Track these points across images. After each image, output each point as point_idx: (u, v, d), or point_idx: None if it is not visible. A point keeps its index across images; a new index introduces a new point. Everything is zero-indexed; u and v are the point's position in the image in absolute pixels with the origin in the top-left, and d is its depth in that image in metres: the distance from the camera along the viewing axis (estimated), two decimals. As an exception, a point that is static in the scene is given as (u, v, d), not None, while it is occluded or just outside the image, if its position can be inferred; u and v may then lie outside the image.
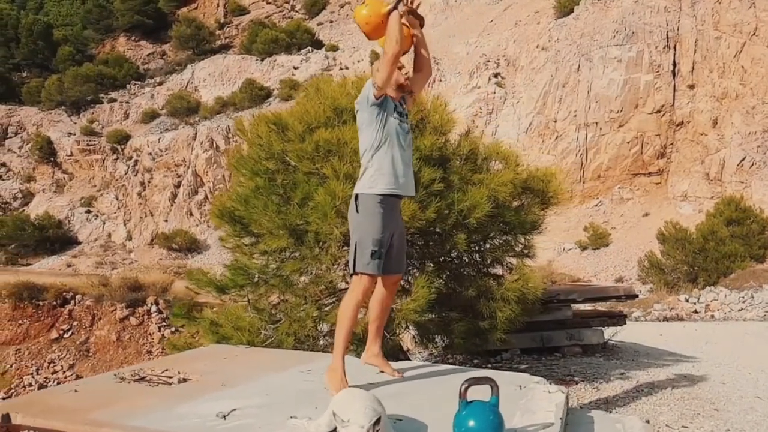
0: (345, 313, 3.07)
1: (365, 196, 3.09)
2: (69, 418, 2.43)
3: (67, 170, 41.29)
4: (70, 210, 39.47)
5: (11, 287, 21.22)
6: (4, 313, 21.17)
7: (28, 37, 46.74)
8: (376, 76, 3.10)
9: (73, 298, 22.27)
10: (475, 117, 36.20)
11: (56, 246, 36.75)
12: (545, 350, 6.92)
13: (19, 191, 39.79)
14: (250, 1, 51.84)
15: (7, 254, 35.00)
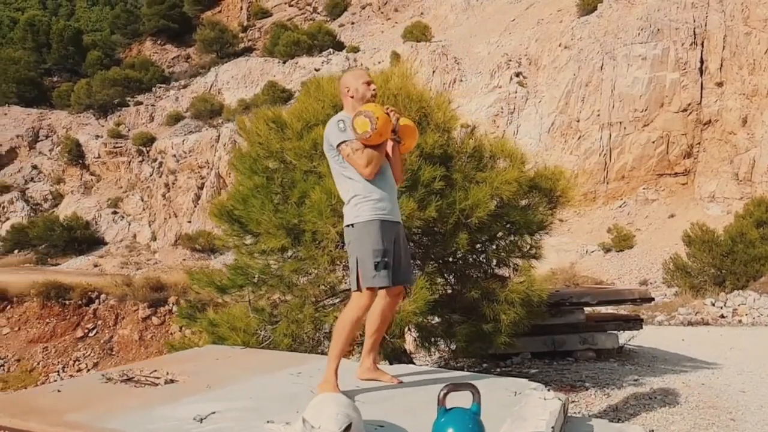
0: (343, 329, 2.98)
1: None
2: (44, 419, 2.39)
3: (95, 172, 42.00)
4: (98, 211, 40.15)
5: (39, 286, 21.70)
6: (32, 312, 21.65)
7: (59, 43, 47.73)
8: (354, 161, 2.98)
9: (98, 298, 22.67)
10: (496, 117, 35.92)
11: (84, 246, 37.40)
12: (557, 354, 6.75)
13: (49, 193, 40.58)
14: (272, 4, 52.18)
15: (38, 254, 35.69)
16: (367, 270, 2.92)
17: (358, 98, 3.15)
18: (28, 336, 20.91)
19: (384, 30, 48.94)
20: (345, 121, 3.03)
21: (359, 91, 3.16)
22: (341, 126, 3.01)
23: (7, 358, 20.43)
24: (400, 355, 4.89)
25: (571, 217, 31.50)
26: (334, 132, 3.02)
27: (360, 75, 3.26)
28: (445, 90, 40.14)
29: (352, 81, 3.21)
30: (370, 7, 49.77)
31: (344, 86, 3.23)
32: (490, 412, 2.73)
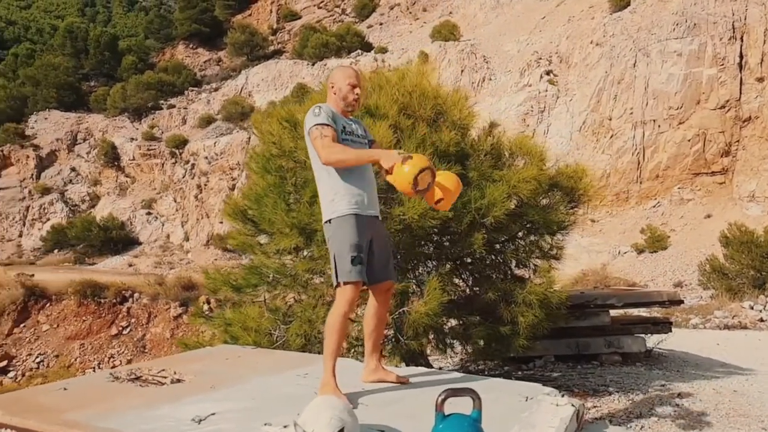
0: (332, 326, 2.92)
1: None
2: (43, 418, 2.39)
3: (130, 174, 42.88)
4: (132, 212, 40.99)
5: (76, 285, 22.28)
6: (70, 310, 22.23)
7: (96, 48, 48.89)
8: (317, 144, 2.93)
9: (132, 297, 23.14)
10: (526, 115, 35.49)
11: (119, 246, 38.23)
12: (581, 358, 6.58)
13: (86, 194, 41.58)
14: (301, 7, 52.54)
15: (76, 254, 36.61)
16: (344, 264, 2.88)
17: (339, 96, 3.12)
18: (66, 333, 21.47)
19: (412, 30, 48.85)
20: (322, 107, 3.01)
21: (342, 91, 3.12)
22: (316, 111, 2.98)
23: (47, 354, 21.01)
24: (417, 357, 4.81)
25: (603, 218, 30.94)
26: (309, 117, 2.99)
27: (348, 75, 3.20)
28: (474, 89, 39.88)
29: (339, 78, 3.17)
30: (398, 8, 49.73)
31: (331, 80, 3.20)
32: (498, 417, 2.64)
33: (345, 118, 3.13)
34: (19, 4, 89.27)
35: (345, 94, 3.10)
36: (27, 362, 20.65)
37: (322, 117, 2.95)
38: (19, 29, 68.61)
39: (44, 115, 43.46)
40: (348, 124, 3.11)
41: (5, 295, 22.29)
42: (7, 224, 37.28)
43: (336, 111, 3.09)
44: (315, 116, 2.96)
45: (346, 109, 3.14)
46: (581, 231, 30.38)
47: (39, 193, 38.73)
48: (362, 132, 3.21)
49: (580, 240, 29.66)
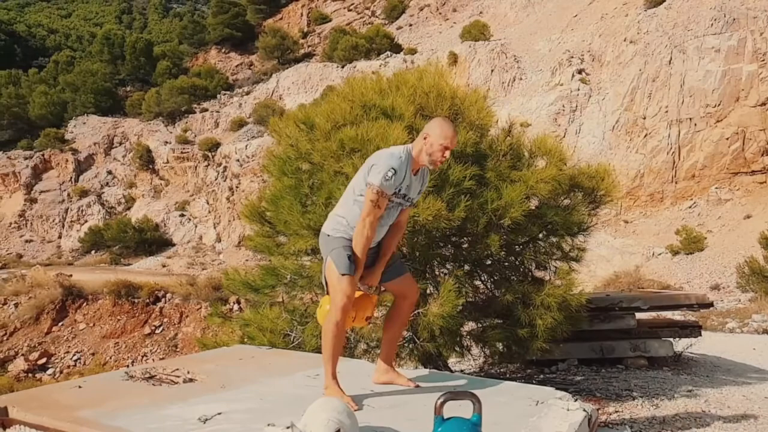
0: (329, 328, 2.92)
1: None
2: (56, 415, 2.45)
3: (164, 176, 43.72)
4: (166, 214, 41.80)
5: (111, 285, 22.84)
6: (105, 309, 22.80)
7: (132, 54, 50.04)
8: (368, 206, 2.90)
9: (164, 297, 23.60)
10: (557, 115, 35.03)
11: (153, 247, 39.01)
12: (606, 362, 6.45)
13: (122, 197, 42.54)
14: (331, 10, 52.86)
15: (112, 255, 37.49)
16: (342, 259, 2.91)
17: (427, 151, 2.95)
18: (102, 332, 22.02)
19: (442, 31, 48.72)
20: (397, 173, 2.88)
21: (433, 147, 2.94)
22: (389, 174, 2.85)
23: (83, 351, 21.56)
24: (435, 360, 4.78)
25: (636, 218, 30.34)
26: (379, 173, 2.87)
27: (446, 136, 2.95)
28: (504, 89, 39.56)
29: (436, 134, 2.95)
30: (428, 9, 49.65)
31: (428, 130, 3.00)
32: (505, 421, 2.61)
33: (413, 173, 3.01)
34: (60, 13, 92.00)
35: (434, 152, 2.94)
36: (65, 360, 21.23)
37: (389, 184, 2.87)
38: (60, 37, 70.71)
39: (83, 119, 44.64)
40: (405, 186, 3.00)
41: (45, 294, 22.99)
42: (47, 226, 38.40)
43: (412, 161, 2.98)
44: (385, 180, 2.85)
45: (428, 166, 3.02)
46: (614, 232, 29.88)
47: (77, 195, 39.79)
48: (417, 190, 3.11)
49: (612, 241, 29.15)
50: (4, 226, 38.19)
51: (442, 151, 2.94)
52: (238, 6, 53.33)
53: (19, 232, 37.82)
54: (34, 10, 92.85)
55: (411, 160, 2.97)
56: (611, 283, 23.11)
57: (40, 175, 40.54)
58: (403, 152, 2.97)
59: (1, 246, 36.51)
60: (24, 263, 32.02)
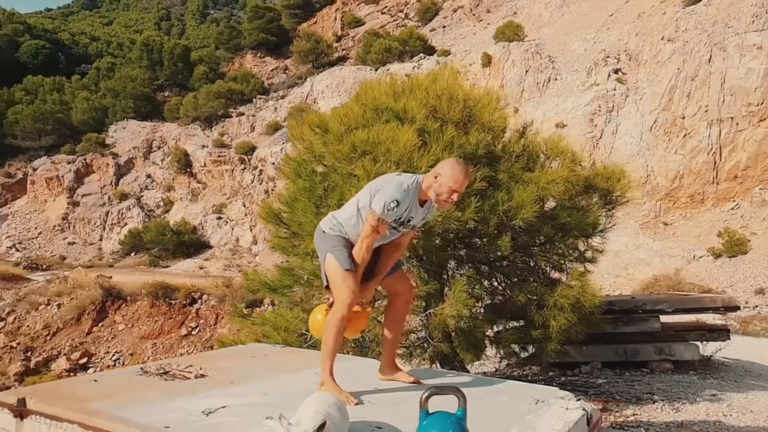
0: (333, 324, 3.00)
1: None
2: (69, 406, 2.59)
3: (201, 180, 44.58)
4: (204, 216, 42.62)
5: (149, 287, 23.37)
6: (143, 310, 23.35)
7: (170, 60, 51.23)
8: (369, 227, 2.97)
9: (200, 298, 24.03)
10: (593, 116, 34.48)
11: (191, 250, 39.79)
12: (631, 365, 6.36)
13: (161, 200, 43.56)
14: (365, 13, 53.17)
15: (151, 257, 38.40)
16: (341, 254, 2.99)
17: (436, 190, 2.96)
18: (140, 332, 22.55)
19: (476, 32, 48.49)
20: (399, 204, 2.92)
21: (441, 188, 2.95)
22: (392, 205, 2.90)
23: (122, 352, 22.11)
24: (451, 360, 4.81)
25: (676, 220, 29.62)
26: (382, 201, 2.91)
27: (456, 180, 2.93)
28: (539, 89, 39.14)
29: (447, 176, 2.94)
30: (461, 10, 49.49)
31: (440, 169, 3.01)
32: (500, 419, 2.64)
33: (419, 204, 3.04)
34: (102, 21, 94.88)
35: (442, 192, 2.95)
36: (105, 359, 21.80)
37: (390, 213, 2.92)
38: (102, 44, 72.83)
39: (123, 124, 45.90)
40: (408, 215, 3.03)
41: (86, 295, 23.68)
42: (89, 228, 39.58)
43: (420, 192, 3.00)
44: (387, 210, 2.90)
45: (434, 203, 3.04)
46: (653, 234, 29.24)
47: (117, 198, 40.91)
48: (420, 219, 3.13)
49: (651, 244, 28.53)
50: (49, 228, 39.53)
51: (450, 193, 2.94)
52: (273, 11, 54.14)
53: (63, 234, 39.09)
54: (77, 19, 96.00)
55: (419, 191, 2.99)
56: (650, 286, 22.64)
57: (82, 179, 41.83)
58: (412, 183, 2.99)
59: (45, 248, 37.78)
60: (67, 265, 33.06)
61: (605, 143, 33.84)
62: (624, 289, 23.36)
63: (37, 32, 67.99)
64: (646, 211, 29.61)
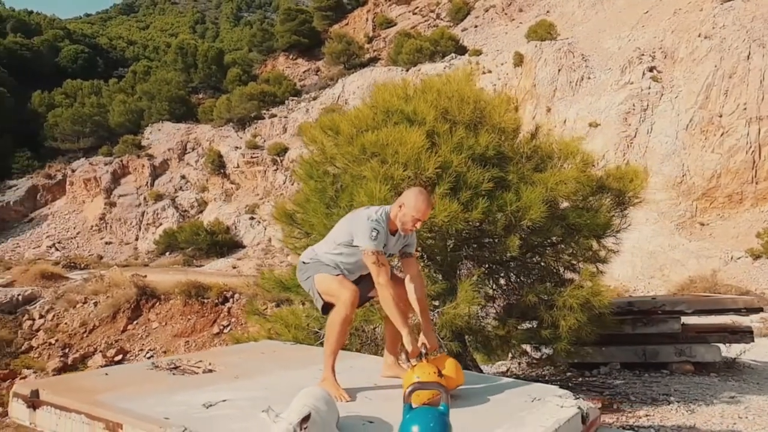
0: (332, 326, 3.10)
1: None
2: (77, 397, 2.72)
3: (234, 181, 45.26)
4: (237, 217, 43.27)
5: (182, 286, 23.82)
6: (176, 309, 23.79)
7: (204, 63, 52.15)
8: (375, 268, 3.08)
9: (232, 297, 24.41)
10: (627, 114, 33.87)
11: (224, 249, 40.42)
12: (650, 366, 6.28)
13: (195, 200, 44.37)
14: (396, 14, 53.24)
15: (185, 257, 39.13)
16: (327, 270, 3.19)
17: (401, 218, 3.13)
18: (173, 331, 22.99)
19: (508, 31, 48.12)
20: (380, 232, 3.07)
21: (405, 216, 3.12)
22: (373, 234, 3.05)
23: (156, 349, 22.60)
24: (463, 360, 4.84)
25: (713, 221, 28.90)
26: (365, 237, 3.06)
27: (419, 210, 3.11)
28: (572, 88, 38.62)
29: (411, 206, 3.12)
30: (493, 9, 49.17)
31: (403, 199, 3.18)
32: (493, 415, 2.68)
33: (390, 231, 3.18)
34: (138, 25, 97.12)
35: (406, 221, 3.13)
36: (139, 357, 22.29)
37: (379, 242, 3.06)
38: (138, 48, 74.59)
39: (158, 126, 46.92)
40: (388, 241, 3.19)
41: (121, 294, 24.27)
42: (125, 228, 40.57)
43: (389, 222, 3.16)
44: (372, 240, 3.04)
45: (400, 230, 3.18)
46: (689, 235, 28.58)
47: (153, 199, 41.83)
48: (395, 246, 3.26)
49: (687, 244, 27.90)
50: (87, 228, 40.66)
51: (414, 222, 3.12)
52: (305, 13, 54.64)
53: (100, 234, 40.17)
54: (115, 23, 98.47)
55: (388, 221, 3.16)
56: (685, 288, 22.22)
57: (119, 180, 42.92)
58: (380, 213, 3.16)
59: (83, 248, 38.87)
60: (103, 264, 33.92)
61: (639, 142, 33.21)
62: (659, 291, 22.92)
63: (77, 37, 70.00)
64: (682, 211, 28.97)
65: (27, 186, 43.52)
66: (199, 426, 2.41)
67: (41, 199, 43.25)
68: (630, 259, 24.29)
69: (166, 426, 2.38)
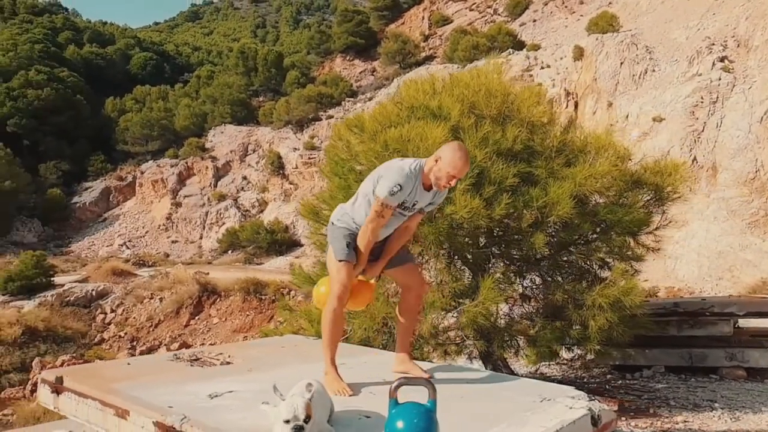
0: (327, 316, 3.11)
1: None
2: (94, 385, 2.85)
3: (293, 181, 46.11)
4: (295, 216, 44.07)
5: (241, 283, 24.52)
6: (236, 305, 24.50)
7: (264, 66, 53.40)
8: (373, 214, 3.09)
9: (288, 294, 24.90)
10: (695, 108, 32.35)
11: (283, 248, 41.27)
12: (698, 370, 5.98)
13: (256, 200, 45.48)
14: (453, 11, 52.86)
15: (246, 255, 40.18)
16: (340, 245, 3.11)
17: (436, 174, 3.04)
18: (233, 326, 23.68)
19: (567, 24, 46.93)
20: (402, 188, 3.01)
21: (441, 171, 3.02)
22: (395, 189, 2.99)
23: (216, 344, 23.32)
24: (489, 358, 4.77)
25: (790, 218, 27.30)
26: (385, 187, 3.02)
27: (455, 166, 3.00)
28: (635, 82, 37.27)
29: (447, 161, 3.01)
30: (553, 2, 48.04)
31: (441, 152, 3.08)
32: (497, 414, 2.63)
33: (423, 186, 3.11)
34: (203, 32, 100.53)
35: (441, 176, 3.03)
36: (200, 350, 23.05)
37: (394, 198, 3.02)
38: (203, 54, 77.25)
39: (220, 129, 48.40)
40: (413, 199, 3.12)
41: (184, 290, 25.19)
42: (190, 228, 42.06)
43: (423, 176, 3.08)
44: (391, 194, 2.99)
45: (434, 185, 3.10)
46: (762, 234, 27.08)
47: (216, 199, 43.18)
48: (427, 202, 3.20)
49: (760, 244, 26.43)
50: (154, 228, 42.43)
51: (449, 178, 3.01)
52: (361, 14, 55.05)
53: (167, 233, 41.83)
54: (181, 30, 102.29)
55: (421, 175, 3.07)
56: (757, 290, 21.08)
57: (184, 181, 44.55)
58: (414, 166, 3.06)
59: (151, 246, 40.57)
60: (170, 262, 35.28)
61: (708, 137, 31.70)
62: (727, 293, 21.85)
63: (146, 45, 73.21)
64: (755, 209, 27.45)
65: (101, 188, 45.90)
66: (199, 415, 2.47)
67: (113, 200, 45.48)
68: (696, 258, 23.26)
69: (167, 414, 2.47)
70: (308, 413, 2.11)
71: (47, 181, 45.16)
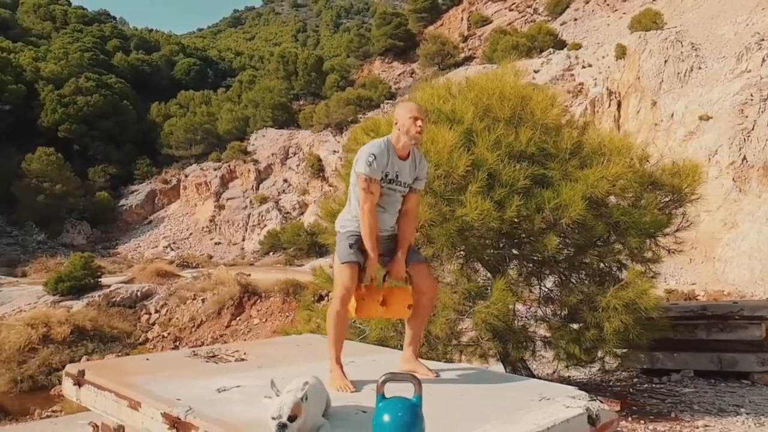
0: (330, 317, 3.23)
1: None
2: (113, 379, 3.02)
3: (333, 184, 46.49)
4: (334, 218, 44.57)
5: (281, 284, 24.88)
6: (275, 306, 24.87)
7: (304, 70, 54.13)
8: (362, 194, 3.20)
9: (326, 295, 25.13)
10: (744, 106, 31.24)
11: (323, 249, 41.65)
12: (729, 375, 5.84)
13: (296, 203, 46.13)
14: (492, 11, 52.50)
15: (287, 256, 40.75)
16: (343, 248, 3.24)
17: (403, 131, 3.28)
18: (273, 327, 24.04)
19: (609, 23, 46.01)
20: (377, 157, 3.19)
21: (405, 125, 3.26)
22: (370, 159, 3.18)
23: (256, 345, 23.70)
24: (514, 362, 4.78)
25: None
26: (362, 162, 3.21)
27: (410, 109, 3.32)
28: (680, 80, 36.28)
29: (402, 114, 3.31)
30: (594, 1, 47.20)
31: (395, 117, 3.37)
32: (491, 412, 2.67)
33: (400, 158, 3.30)
34: (245, 37, 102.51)
35: (408, 127, 3.25)
36: (241, 352, 23.44)
37: (372, 169, 3.19)
38: (245, 58, 78.79)
39: (262, 132, 49.29)
40: (394, 171, 3.28)
41: (226, 291, 25.71)
42: (233, 230, 42.94)
43: (395, 149, 3.28)
44: (368, 165, 3.18)
45: (410, 142, 3.29)
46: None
47: (258, 202, 43.98)
48: (410, 174, 3.35)
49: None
50: (198, 230, 43.49)
51: (413, 122, 3.23)
52: (400, 16, 55.23)
53: (210, 235, 42.82)
54: (224, 36, 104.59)
55: (392, 147, 3.26)
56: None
57: (227, 184, 45.54)
58: (383, 141, 3.29)
59: (195, 248, 41.59)
60: (213, 263, 36.07)
61: (758, 135, 30.61)
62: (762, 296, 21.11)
63: (190, 51, 75.12)
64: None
65: (146, 191, 47.32)
66: (205, 407, 2.61)
67: (159, 203, 46.83)
68: (747, 261, 22.50)
69: (174, 406, 2.60)
70: (295, 412, 2.20)
71: (95, 184, 46.82)
